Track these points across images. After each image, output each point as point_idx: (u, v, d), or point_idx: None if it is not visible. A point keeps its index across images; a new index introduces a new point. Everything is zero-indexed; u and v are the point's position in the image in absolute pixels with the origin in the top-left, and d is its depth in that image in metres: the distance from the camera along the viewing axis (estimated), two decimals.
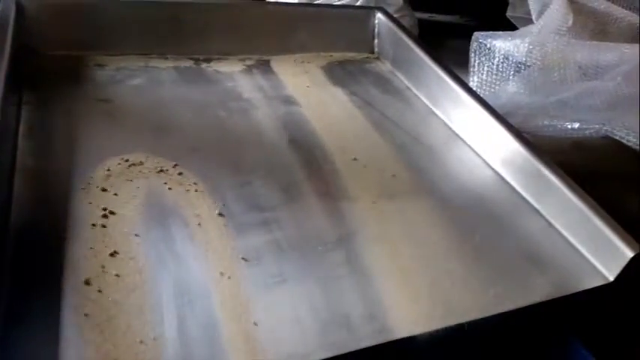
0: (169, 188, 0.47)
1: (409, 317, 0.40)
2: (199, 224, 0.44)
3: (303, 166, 0.54)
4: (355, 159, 0.56)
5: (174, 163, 0.50)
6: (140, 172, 0.48)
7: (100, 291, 0.37)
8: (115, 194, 0.45)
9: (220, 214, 0.46)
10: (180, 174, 0.49)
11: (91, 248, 0.40)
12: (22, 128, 0.51)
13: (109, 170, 0.48)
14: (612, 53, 0.85)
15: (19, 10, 0.61)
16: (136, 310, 0.36)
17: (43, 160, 0.47)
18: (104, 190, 0.46)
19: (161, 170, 0.49)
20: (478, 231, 0.50)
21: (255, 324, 0.37)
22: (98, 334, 0.34)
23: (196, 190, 0.48)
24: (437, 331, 0.39)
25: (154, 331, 0.35)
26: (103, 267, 0.39)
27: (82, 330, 0.34)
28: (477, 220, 0.51)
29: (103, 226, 0.42)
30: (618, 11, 1.01)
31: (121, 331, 0.35)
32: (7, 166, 0.45)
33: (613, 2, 1.03)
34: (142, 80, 0.62)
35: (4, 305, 0.35)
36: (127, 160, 0.49)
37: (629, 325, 0.48)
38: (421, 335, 0.39)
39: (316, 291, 0.41)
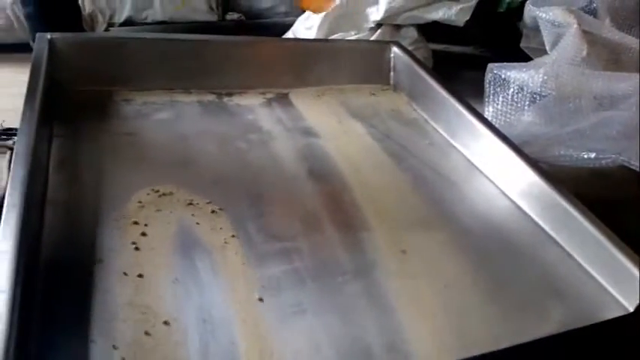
0: (194, 217, 0.49)
1: (429, 348, 0.40)
2: (222, 254, 0.46)
3: (323, 197, 0.55)
4: (374, 190, 0.57)
5: (199, 194, 0.52)
6: (167, 203, 0.50)
7: (126, 321, 0.38)
8: (145, 225, 0.47)
9: (242, 245, 0.47)
10: (205, 205, 0.50)
11: (121, 278, 0.41)
12: (52, 161, 0.53)
13: (139, 202, 0.49)
14: (627, 83, 0.86)
15: (52, 47, 0.64)
16: (165, 341, 0.37)
17: (73, 192, 0.49)
18: (134, 222, 0.47)
19: (187, 202, 0.51)
20: (497, 262, 0.50)
21: (275, 354, 0.38)
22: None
23: (219, 221, 0.49)
24: None
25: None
26: (131, 298, 0.40)
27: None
28: (495, 251, 0.52)
29: (134, 256, 0.44)
30: (632, 41, 1.01)
31: None
32: (38, 198, 0.47)
33: (627, 32, 1.04)
34: (166, 114, 0.64)
35: (36, 333, 0.36)
36: (156, 191, 0.51)
37: None
38: None
39: (335, 321, 0.41)
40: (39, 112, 0.53)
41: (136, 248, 0.45)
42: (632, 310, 0.46)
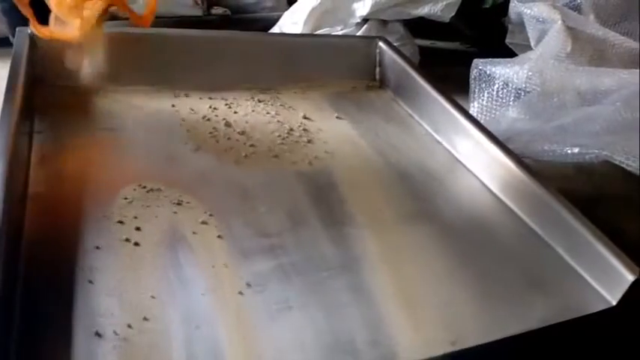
0: (179, 214, 0.48)
1: (413, 343, 0.40)
2: (206, 250, 0.45)
3: (308, 193, 0.55)
4: (360, 186, 0.57)
5: (185, 190, 0.51)
6: (152, 199, 0.50)
7: (108, 318, 0.38)
8: (129, 221, 0.47)
9: (226, 241, 0.47)
10: (188, 202, 0.50)
11: (104, 275, 0.41)
12: (33, 157, 0.52)
13: (124, 198, 0.49)
14: (611, 78, 0.86)
15: (32, 42, 0.63)
16: (147, 338, 0.37)
17: (55, 189, 0.49)
18: (117, 219, 0.47)
19: (172, 198, 0.50)
20: (481, 256, 0.51)
21: (259, 351, 0.38)
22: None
23: (205, 216, 0.49)
24: (441, 357, 0.39)
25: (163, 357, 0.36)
26: (114, 294, 0.40)
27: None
28: (479, 246, 0.52)
29: (118, 252, 0.43)
30: (616, 37, 1.02)
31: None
32: (19, 194, 0.46)
33: (611, 28, 1.05)
34: (150, 110, 0.63)
35: (15, 334, 0.36)
36: (142, 188, 0.51)
37: (631, 349, 0.48)
38: None
39: (321, 317, 0.41)
40: (19, 107, 0.52)
41: (120, 244, 0.44)
42: (614, 303, 0.46)
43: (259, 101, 0.70)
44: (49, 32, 0.62)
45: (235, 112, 0.67)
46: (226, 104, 0.68)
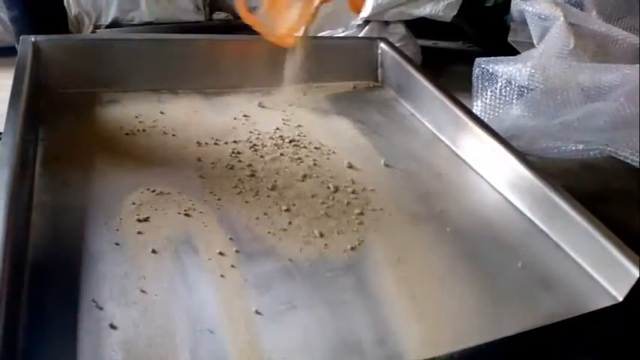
0: (183, 217, 0.49)
1: (419, 342, 0.40)
2: (210, 253, 0.45)
3: (312, 194, 0.55)
4: (363, 186, 0.57)
5: (190, 194, 0.52)
6: (157, 204, 0.50)
7: (115, 317, 0.38)
8: (134, 226, 0.47)
9: (232, 241, 0.47)
10: (195, 205, 0.50)
11: (109, 280, 0.41)
12: (38, 164, 0.52)
13: (130, 203, 0.49)
14: (614, 74, 0.86)
15: (36, 51, 0.64)
16: (152, 341, 0.37)
17: (60, 195, 0.49)
18: (122, 223, 0.47)
19: (178, 202, 0.50)
20: (486, 254, 0.50)
21: (266, 352, 0.38)
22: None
23: (210, 219, 0.49)
24: (448, 356, 0.39)
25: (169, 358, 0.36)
26: (119, 299, 0.40)
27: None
28: (484, 244, 0.52)
29: (122, 257, 0.43)
30: (618, 33, 1.02)
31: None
32: (25, 201, 0.46)
33: (613, 24, 1.05)
34: (154, 115, 0.63)
35: (22, 335, 0.36)
36: (147, 192, 0.51)
37: (638, 344, 0.48)
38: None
39: (326, 317, 0.41)
40: (24, 114, 0.53)
41: (125, 249, 0.44)
42: (621, 299, 0.46)
43: (263, 103, 0.70)
44: (254, 22, 0.66)
45: (239, 114, 0.67)
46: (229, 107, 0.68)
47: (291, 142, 0.63)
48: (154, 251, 0.45)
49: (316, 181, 0.57)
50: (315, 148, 0.63)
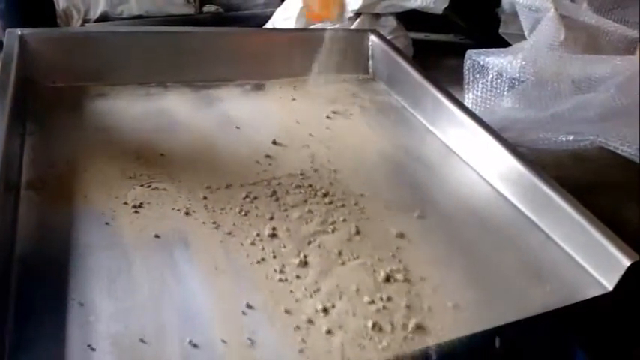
0: (172, 211, 0.48)
1: (411, 331, 0.40)
2: (199, 246, 0.45)
3: (304, 187, 0.55)
4: (355, 178, 0.57)
5: (179, 187, 0.51)
6: (145, 197, 0.49)
7: (104, 312, 0.38)
8: (121, 220, 0.46)
9: (224, 236, 0.47)
10: (185, 198, 0.50)
11: (97, 274, 0.41)
12: (26, 158, 0.52)
13: (116, 197, 0.49)
14: (604, 66, 0.86)
15: (23, 44, 0.63)
16: (141, 331, 0.37)
17: (48, 189, 0.48)
18: (111, 217, 0.47)
19: (166, 195, 0.50)
20: (478, 245, 0.51)
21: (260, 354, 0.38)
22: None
23: (200, 212, 0.49)
24: (441, 345, 0.39)
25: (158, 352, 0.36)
26: (108, 294, 0.40)
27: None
28: (476, 235, 0.52)
29: (111, 251, 0.43)
30: (609, 24, 1.02)
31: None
32: (12, 195, 0.46)
33: (603, 16, 1.05)
34: (143, 108, 0.63)
35: (10, 331, 0.36)
36: (134, 186, 0.50)
37: (629, 332, 0.48)
38: (427, 348, 0.39)
39: (319, 313, 0.41)
40: (10, 108, 0.52)
41: (114, 243, 0.44)
42: (610, 288, 0.46)
43: (252, 96, 0.69)
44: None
45: (228, 108, 0.66)
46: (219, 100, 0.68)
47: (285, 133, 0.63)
48: (144, 245, 0.44)
49: (314, 175, 0.57)
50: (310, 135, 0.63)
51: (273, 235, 0.48)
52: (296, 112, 0.68)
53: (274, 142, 0.61)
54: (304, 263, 0.45)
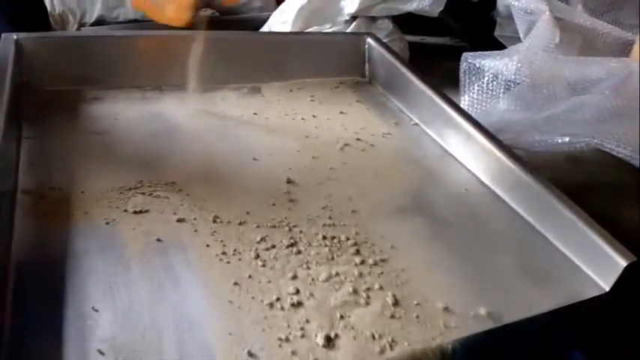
0: (168, 214, 0.48)
1: (407, 333, 0.40)
2: (195, 250, 0.45)
3: (298, 189, 0.55)
4: (350, 180, 0.57)
5: (175, 191, 0.51)
6: (140, 202, 0.49)
7: (101, 315, 0.38)
8: (118, 224, 0.46)
9: (219, 238, 0.46)
10: (180, 201, 0.50)
11: (94, 277, 0.41)
12: (22, 162, 0.52)
13: (111, 202, 0.49)
14: (600, 67, 0.87)
15: (18, 48, 0.63)
16: (138, 335, 0.37)
17: (44, 194, 0.48)
18: (106, 221, 0.46)
19: (162, 199, 0.50)
20: (474, 247, 0.51)
21: (252, 347, 0.37)
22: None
23: (195, 217, 0.49)
24: (436, 348, 0.39)
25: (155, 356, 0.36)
26: (104, 292, 0.40)
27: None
28: (472, 237, 0.52)
29: (108, 255, 0.43)
30: (604, 26, 1.02)
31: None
32: (8, 199, 0.46)
33: (598, 18, 1.05)
34: (138, 112, 0.63)
35: (7, 334, 0.35)
36: (129, 190, 0.50)
37: (626, 333, 0.48)
38: (421, 351, 0.39)
39: (315, 312, 0.41)
40: (6, 112, 0.52)
41: (111, 247, 0.44)
42: (607, 289, 0.47)
43: (248, 99, 0.69)
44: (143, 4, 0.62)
45: (224, 112, 0.66)
46: (215, 104, 0.67)
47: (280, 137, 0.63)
48: (142, 249, 0.44)
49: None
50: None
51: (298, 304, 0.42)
52: (288, 115, 0.68)
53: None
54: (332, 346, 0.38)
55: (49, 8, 1.23)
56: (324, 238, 0.48)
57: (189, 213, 0.49)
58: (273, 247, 0.46)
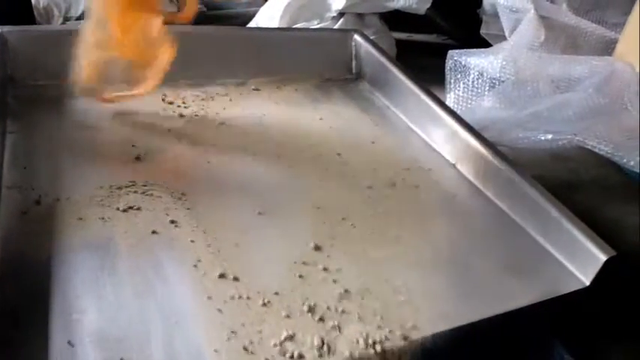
0: (156, 212, 0.48)
1: (390, 328, 0.41)
2: (185, 246, 0.45)
3: (286, 186, 0.55)
4: (336, 177, 0.58)
5: (162, 188, 0.51)
6: (128, 199, 0.49)
7: (87, 310, 0.38)
8: (105, 221, 0.46)
9: (209, 236, 0.47)
10: (169, 199, 0.50)
11: (81, 275, 0.41)
12: (6, 158, 0.51)
13: (99, 198, 0.48)
14: (583, 66, 0.88)
15: (2, 41, 0.62)
16: (124, 333, 0.37)
17: (29, 190, 0.48)
18: (95, 218, 0.46)
19: (150, 196, 0.50)
20: (456, 242, 0.51)
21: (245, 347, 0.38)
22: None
23: (182, 213, 0.49)
24: (419, 340, 0.40)
25: (142, 351, 0.36)
26: (90, 288, 0.40)
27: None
28: (455, 233, 0.53)
29: (95, 253, 0.43)
30: (588, 25, 1.04)
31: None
32: None
33: (582, 17, 1.07)
34: (125, 108, 0.63)
35: None
36: (117, 188, 0.50)
37: (605, 326, 0.49)
38: (409, 343, 0.40)
39: (303, 306, 0.41)
40: None
41: (99, 243, 0.44)
42: (588, 283, 0.48)
43: (233, 95, 0.69)
44: (116, 98, 0.60)
45: (210, 107, 0.66)
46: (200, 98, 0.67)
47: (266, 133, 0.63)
48: (125, 244, 0.44)
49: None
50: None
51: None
52: (275, 112, 0.68)
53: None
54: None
55: (33, 2, 1.22)
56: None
57: (180, 211, 0.49)
58: None
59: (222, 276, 0.43)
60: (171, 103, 0.66)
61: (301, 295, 0.42)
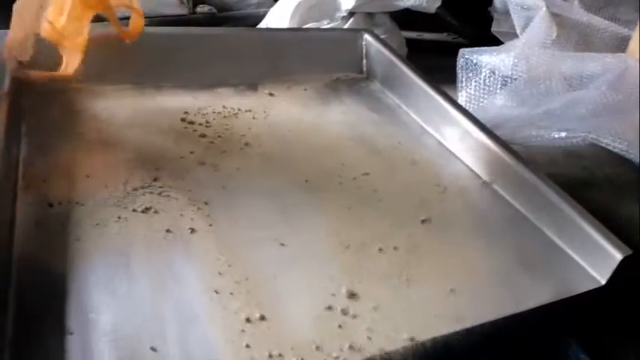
0: (170, 212, 0.49)
1: (406, 325, 0.41)
2: (199, 246, 0.45)
3: (297, 186, 0.55)
4: (353, 178, 0.58)
5: (175, 189, 0.51)
6: (141, 199, 0.49)
7: (103, 309, 0.38)
8: (119, 222, 0.46)
9: (220, 235, 0.47)
10: (181, 199, 0.50)
11: (96, 275, 0.41)
12: (22, 159, 0.52)
13: (113, 199, 0.49)
14: (596, 63, 0.87)
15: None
16: (140, 332, 0.37)
17: (44, 190, 0.48)
18: (107, 218, 0.47)
19: (163, 197, 0.50)
20: (471, 241, 0.51)
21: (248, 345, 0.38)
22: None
23: (196, 212, 0.49)
24: (436, 339, 0.40)
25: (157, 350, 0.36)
26: (106, 292, 0.40)
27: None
28: (470, 231, 0.53)
29: (109, 254, 0.43)
30: (600, 22, 1.03)
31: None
32: (9, 195, 0.46)
33: (595, 13, 1.06)
34: (136, 110, 0.63)
35: (10, 332, 0.36)
36: (132, 188, 0.50)
37: (621, 325, 0.49)
38: (421, 343, 0.39)
39: (317, 307, 0.41)
40: (6, 109, 0.52)
41: (112, 244, 0.44)
42: (604, 282, 0.47)
43: (246, 96, 0.69)
44: (41, 75, 0.60)
45: (223, 108, 0.67)
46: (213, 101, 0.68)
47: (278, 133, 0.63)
48: (140, 244, 0.44)
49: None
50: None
51: None
52: (286, 112, 0.68)
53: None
54: None
55: None
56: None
57: (194, 212, 0.49)
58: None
59: (237, 282, 0.43)
60: (192, 122, 0.63)
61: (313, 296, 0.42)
